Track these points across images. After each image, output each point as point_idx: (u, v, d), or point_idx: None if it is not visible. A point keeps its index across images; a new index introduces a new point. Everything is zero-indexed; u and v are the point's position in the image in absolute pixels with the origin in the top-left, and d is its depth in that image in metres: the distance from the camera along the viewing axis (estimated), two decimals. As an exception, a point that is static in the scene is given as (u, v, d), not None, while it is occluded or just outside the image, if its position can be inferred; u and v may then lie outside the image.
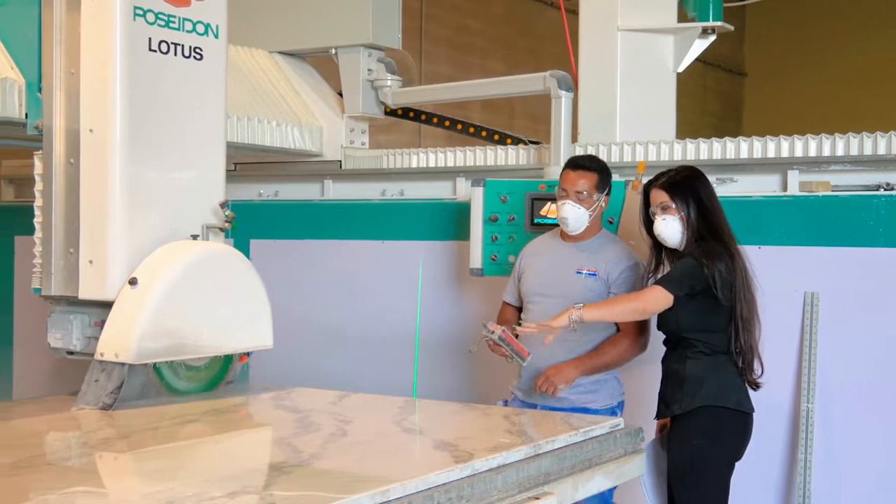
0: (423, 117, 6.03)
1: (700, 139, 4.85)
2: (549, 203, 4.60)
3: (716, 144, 4.77)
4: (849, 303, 4.40)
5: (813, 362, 4.42)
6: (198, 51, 3.84)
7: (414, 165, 5.51)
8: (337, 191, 5.74)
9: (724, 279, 3.76)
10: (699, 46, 5.76)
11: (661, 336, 4.04)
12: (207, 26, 3.87)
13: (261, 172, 5.89)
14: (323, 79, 5.86)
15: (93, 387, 3.63)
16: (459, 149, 5.43)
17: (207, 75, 3.89)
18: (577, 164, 4.21)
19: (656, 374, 4.04)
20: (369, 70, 5.56)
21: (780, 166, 4.64)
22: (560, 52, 6.17)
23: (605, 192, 4.21)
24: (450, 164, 5.42)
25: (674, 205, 3.88)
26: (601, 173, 4.19)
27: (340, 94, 5.69)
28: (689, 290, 3.78)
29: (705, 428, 3.82)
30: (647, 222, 4.00)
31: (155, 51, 3.69)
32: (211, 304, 3.78)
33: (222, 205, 3.91)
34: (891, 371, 4.32)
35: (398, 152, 5.58)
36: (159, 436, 3.36)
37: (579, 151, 4.88)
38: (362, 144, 5.73)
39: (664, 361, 3.99)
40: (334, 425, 3.57)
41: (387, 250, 5.49)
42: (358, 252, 5.56)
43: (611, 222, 4.51)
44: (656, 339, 4.15)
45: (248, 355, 4.07)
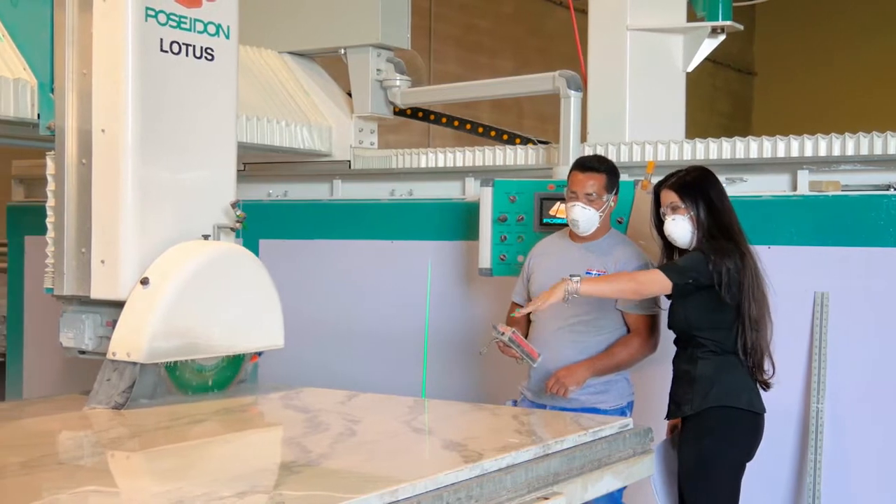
0: (432, 117, 6.03)
1: (709, 139, 4.84)
2: (559, 203, 4.60)
3: (725, 144, 4.77)
4: (859, 303, 4.39)
5: (823, 363, 4.41)
6: (209, 51, 3.85)
7: (423, 165, 5.51)
8: (346, 191, 5.75)
9: (730, 277, 3.76)
10: (709, 46, 5.75)
11: (671, 336, 4.04)
12: (219, 27, 3.88)
13: (270, 172, 5.90)
14: (332, 79, 5.87)
15: (105, 386, 3.65)
16: (468, 149, 5.43)
17: (219, 76, 3.90)
18: (585, 165, 4.20)
19: (666, 374, 4.04)
20: (378, 70, 5.56)
21: (789, 166, 4.63)
22: (569, 52, 6.17)
23: (614, 192, 4.21)
24: (459, 164, 5.42)
25: (683, 205, 3.88)
26: (609, 174, 4.19)
27: (349, 94, 5.70)
28: (692, 281, 3.77)
29: (716, 428, 3.81)
30: (658, 223, 4.00)
31: (166, 51, 3.70)
32: (222, 304, 3.79)
33: (233, 205, 3.92)
34: (901, 371, 4.31)
35: (407, 152, 5.58)
36: (170, 435, 3.37)
37: (588, 151, 4.88)
38: (371, 144, 5.73)
39: (675, 361, 3.99)
40: (343, 425, 3.57)
41: (396, 250, 5.49)
42: (367, 252, 5.57)
43: (620, 222, 4.51)
44: (665, 340, 4.14)
45: (259, 355, 4.08)
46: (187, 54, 3.78)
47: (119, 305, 3.66)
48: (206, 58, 3.84)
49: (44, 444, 3.23)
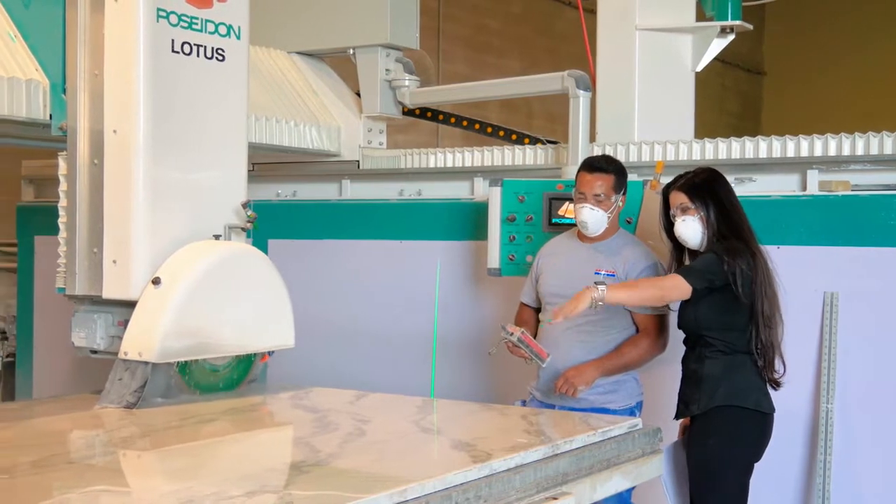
0: (440, 117, 6.04)
1: (718, 139, 4.83)
2: (567, 203, 4.59)
3: (734, 144, 4.76)
4: (869, 303, 4.38)
5: (832, 363, 4.40)
6: (220, 52, 3.86)
7: (432, 165, 5.52)
8: (355, 191, 5.75)
9: (744, 276, 3.76)
10: (718, 46, 5.74)
11: (680, 336, 4.03)
12: (230, 28, 3.89)
13: (279, 172, 5.90)
14: (341, 79, 5.88)
15: (116, 385, 3.66)
16: (477, 149, 5.43)
17: (229, 76, 3.91)
18: (593, 166, 4.20)
19: (675, 374, 4.03)
20: (387, 70, 5.57)
21: (799, 166, 4.62)
22: (578, 52, 6.16)
23: (622, 192, 4.20)
24: (467, 163, 5.42)
25: (693, 206, 3.88)
26: (618, 174, 4.18)
27: (358, 94, 5.70)
28: (709, 283, 3.78)
29: (723, 428, 3.81)
30: (668, 226, 3.99)
31: (178, 52, 3.72)
32: (233, 304, 3.80)
33: (244, 205, 3.94)
34: (911, 372, 4.30)
35: (416, 152, 5.59)
36: (180, 434, 3.38)
37: (597, 151, 4.88)
38: (380, 144, 5.74)
39: (684, 361, 3.99)
40: (352, 425, 3.58)
41: (404, 250, 5.50)
42: (375, 252, 5.57)
43: (629, 222, 4.51)
44: (675, 340, 4.14)
45: (269, 354, 4.09)
46: (198, 55, 3.79)
47: (131, 305, 3.68)
48: (216, 58, 3.85)
49: (54, 443, 3.24)
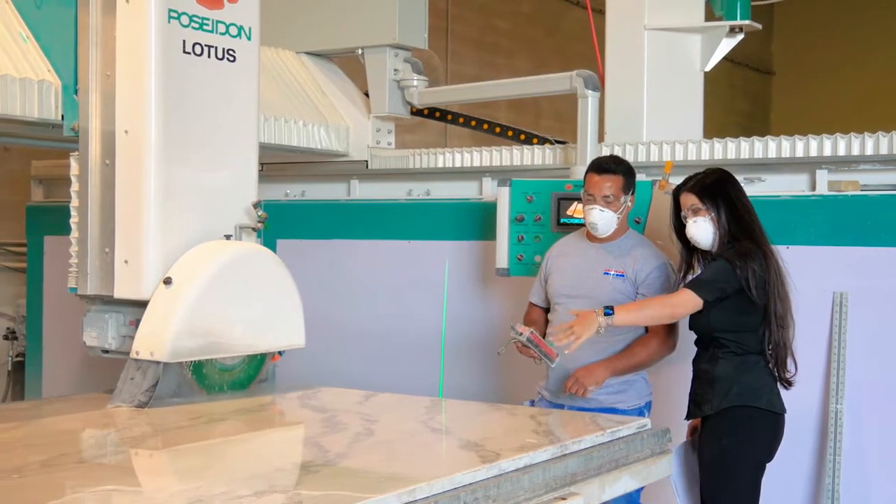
0: (449, 117, 6.04)
1: (728, 139, 4.82)
2: (576, 203, 4.59)
3: (743, 144, 4.75)
4: (878, 303, 4.37)
5: (842, 363, 4.39)
6: (231, 52, 3.87)
7: (440, 165, 5.52)
8: (363, 191, 5.76)
9: (757, 278, 3.76)
10: (727, 45, 5.73)
11: (689, 337, 4.03)
12: (240, 28, 3.90)
13: (287, 172, 5.91)
14: (349, 79, 5.88)
15: (128, 385, 3.67)
16: (486, 148, 5.43)
17: (240, 77, 3.92)
18: (601, 166, 4.19)
19: (685, 374, 4.03)
20: (395, 70, 5.57)
21: (808, 166, 4.61)
22: (587, 52, 6.15)
23: (631, 192, 4.20)
24: (476, 163, 5.42)
25: (704, 207, 3.87)
26: (626, 175, 4.18)
27: (367, 94, 5.71)
28: (721, 293, 3.77)
29: (735, 428, 3.80)
30: (679, 227, 3.98)
31: (189, 53, 3.73)
32: (244, 304, 3.81)
33: (255, 205, 3.94)
34: (921, 372, 4.29)
35: (424, 152, 5.59)
36: (189, 434, 3.38)
37: (606, 151, 4.87)
38: (388, 144, 5.74)
39: (695, 361, 3.98)
40: (361, 425, 3.58)
41: (413, 250, 5.50)
42: (384, 252, 5.57)
43: (637, 222, 4.50)
44: (684, 340, 4.13)
45: (280, 354, 4.09)
46: (209, 56, 3.80)
47: (142, 305, 3.69)
48: (227, 59, 3.86)
49: (64, 442, 3.25)
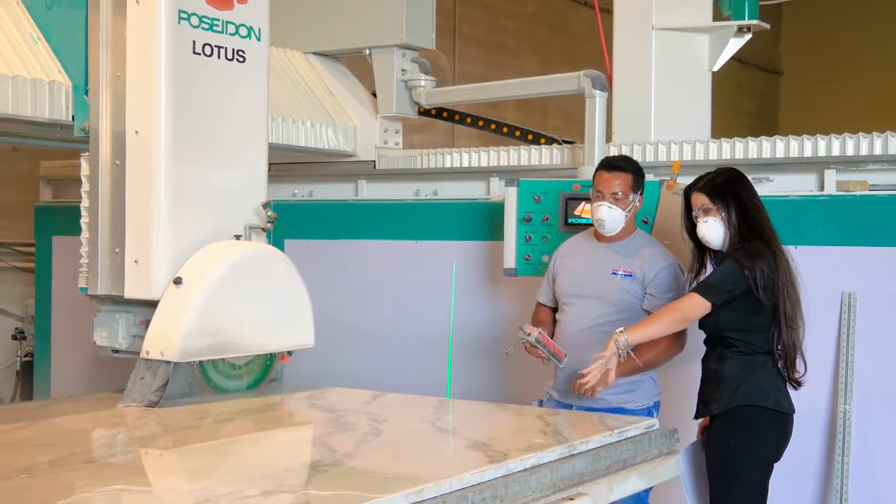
0: (456, 117, 6.04)
1: (735, 138, 4.82)
2: (584, 203, 4.59)
3: (752, 144, 4.74)
4: (887, 303, 4.36)
5: (850, 363, 4.38)
6: (241, 53, 3.88)
7: (447, 165, 5.52)
8: (371, 191, 5.76)
9: (766, 279, 3.75)
10: (735, 45, 5.72)
11: (698, 336, 4.02)
12: (250, 29, 3.91)
13: (295, 172, 5.91)
14: (357, 79, 5.88)
15: (139, 384, 3.68)
16: (493, 148, 5.43)
17: (250, 77, 3.93)
18: (611, 164, 4.20)
19: (693, 374, 4.02)
20: (403, 70, 5.58)
21: (816, 165, 4.60)
22: (594, 52, 6.15)
23: (640, 191, 4.20)
24: (483, 163, 5.42)
25: (715, 206, 3.87)
26: (635, 174, 4.18)
27: (374, 95, 5.71)
28: (729, 295, 3.77)
29: (742, 428, 3.80)
30: (690, 227, 3.98)
31: (199, 54, 3.74)
32: (254, 304, 3.82)
33: (265, 205, 3.95)
34: (930, 372, 4.28)
35: (432, 152, 5.59)
36: (197, 434, 3.39)
37: (613, 151, 4.87)
38: (396, 144, 5.74)
39: (704, 361, 3.98)
40: (368, 425, 3.58)
41: (420, 250, 5.50)
42: (391, 252, 5.58)
43: (645, 222, 4.50)
44: (693, 340, 4.13)
45: (289, 354, 4.10)
46: (219, 56, 3.81)
47: (152, 305, 3.70)
48: (237, 60, 3.87)
49: (73, 442, 3.26)
